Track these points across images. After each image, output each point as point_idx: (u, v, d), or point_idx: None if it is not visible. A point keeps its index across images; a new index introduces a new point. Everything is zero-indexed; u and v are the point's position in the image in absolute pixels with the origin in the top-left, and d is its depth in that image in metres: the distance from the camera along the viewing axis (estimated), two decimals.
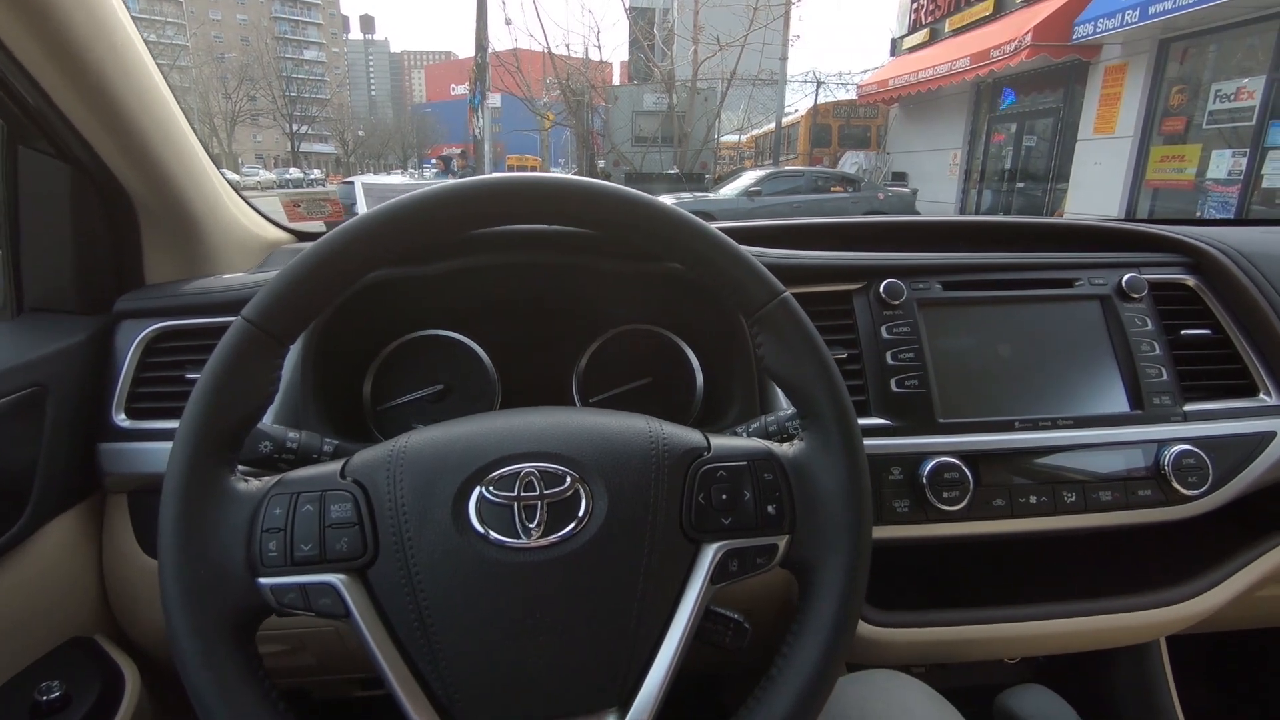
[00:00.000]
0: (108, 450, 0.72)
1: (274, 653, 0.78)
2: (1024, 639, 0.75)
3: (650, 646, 0.45)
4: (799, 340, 0.49)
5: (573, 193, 0.50)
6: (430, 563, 0.43)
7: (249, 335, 0.46)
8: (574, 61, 14.90)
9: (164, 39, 47.85)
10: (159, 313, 0.76)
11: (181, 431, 0.44)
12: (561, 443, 0.47)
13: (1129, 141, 8.04)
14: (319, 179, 37.47)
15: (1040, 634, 0.75)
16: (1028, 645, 0.77)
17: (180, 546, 0.43)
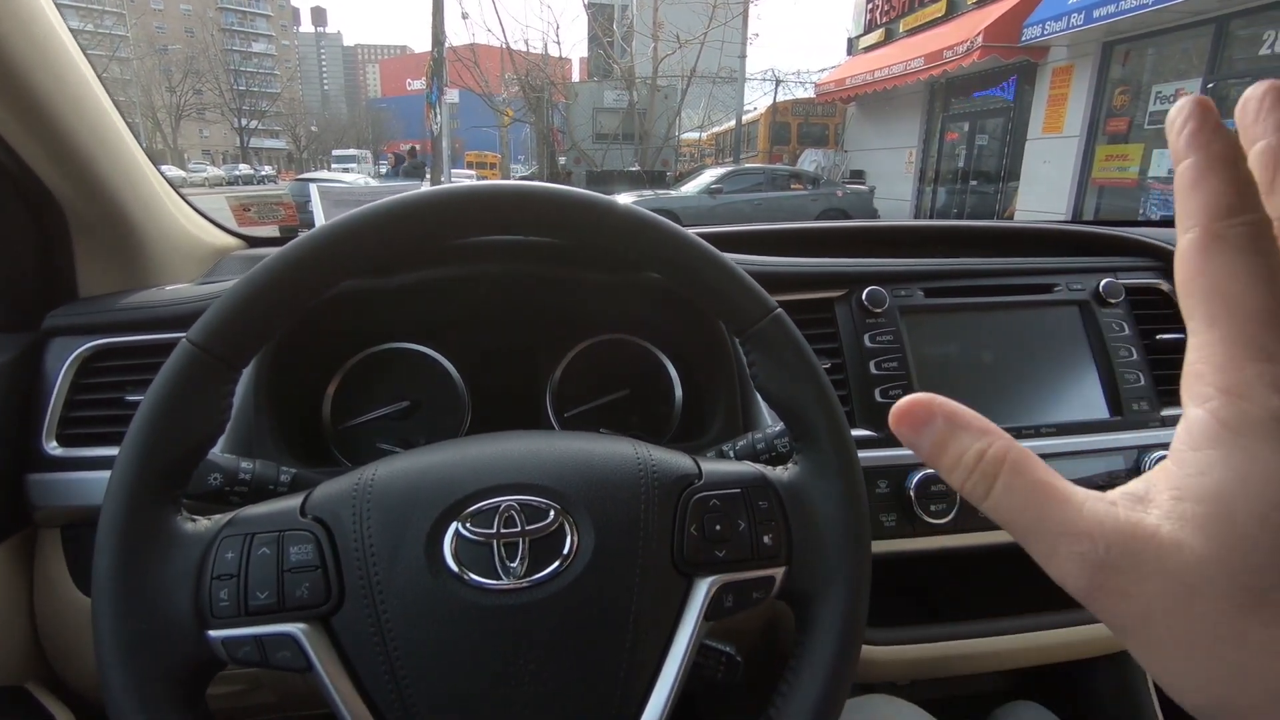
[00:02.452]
0: (37, 481, 0.66)
1: (228, 693, 0.72)
2: (1011, 652, 0.75)
3: (642, 692, 0.41)
4: (793, 359, 0.47)
5: (550, 202, 0.46)
6: (402, 608, 0.39)
7: (196, 360, 0.41)
8: (533, 57, 14.76)
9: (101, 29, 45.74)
10: (94, 329, 0.70)
11: (119, 468, 0.40)
12: (543, 473, 0.43)
13: (1076, 141, 8.32)
14: (270, 175, 36.81)
15: (1027, 646, 0.75)
16: (1015, 658, 0.76)
17: (118, 596, 0.38)
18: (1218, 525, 0.19)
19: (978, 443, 0.23)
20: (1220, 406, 0.20)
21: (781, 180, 10.51)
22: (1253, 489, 0.19)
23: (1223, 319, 0.20)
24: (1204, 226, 0.21)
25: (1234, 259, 0.20)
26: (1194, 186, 0.21)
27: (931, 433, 0.24)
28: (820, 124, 16.82)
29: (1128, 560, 0.20)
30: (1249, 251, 0.20)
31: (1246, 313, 0.20)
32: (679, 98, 14.78)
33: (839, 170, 13.43)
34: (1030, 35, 8.24)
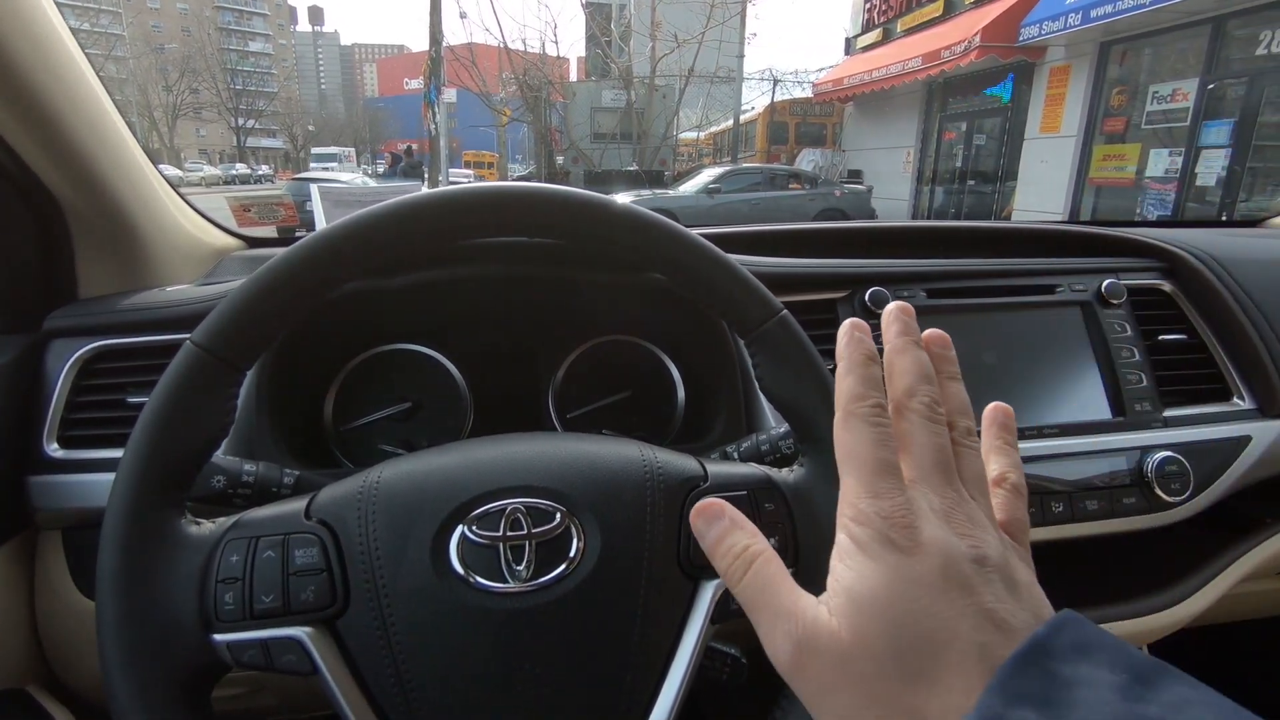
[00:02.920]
0: (38, 484, 0.66)
1: (232, 695, 0.72)
2: None
3: (647, 696, 0.41)
4: (799, 361, 0.46)
5: (555, 203, 0.46)
6: (407, 611, 0.39)
7: (200, 362, 0.41)
8: (531, 57, 14.75)
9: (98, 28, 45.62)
10: (95, 330, 0.70)
11: (123, 470, 0.39)
12: (549, 475, 0.43)
13: (1073, 141, 8.33)
14: (267, 174, 36.56)
15: None
16: None
17: (122, 601, 0.38)
18: (855, 619, 0.27)
19: (745, 540, 0.31)
20: (851, 531, 0.29)
21: (780, 180, 10.52)
22: (873, 590, 0.27)
23: (851, 470, 0.30)
24: (842, 408, 0.31)
25: (858, 429, 0.30)
26: (839, 381, 0.32)
27: (718, 527, 0.32)
28: (818, 124, 16.81)
29: (812, 643, 0.27)
30: (868, 423, 0.30)
31: (866, 466, 0.29)
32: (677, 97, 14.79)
33: (837, 170, 13.43)
34: (1028, 35, 8.25)
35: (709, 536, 0.32)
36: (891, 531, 0.28)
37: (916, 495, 0.29)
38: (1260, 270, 0.84)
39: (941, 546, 0.27)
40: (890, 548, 0.27)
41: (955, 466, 0.31)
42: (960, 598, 0.26)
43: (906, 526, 0.28)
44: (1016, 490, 0.34)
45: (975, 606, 0.26)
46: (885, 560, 0.27)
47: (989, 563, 0.27)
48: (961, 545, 0.28)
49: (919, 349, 0.33)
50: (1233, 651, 1.18)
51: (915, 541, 0.27)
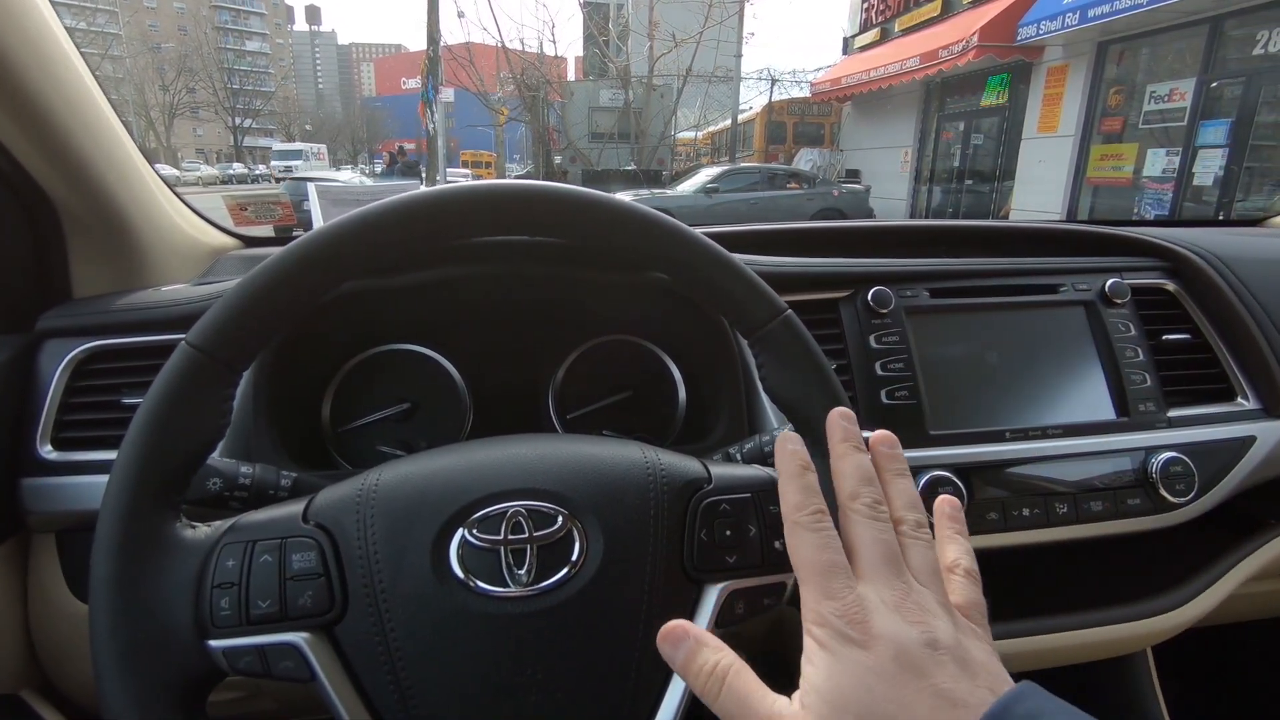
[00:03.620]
0: (31, 486, 0.65)
1: (228, 700, 0.71)
2: (1015, 655, 0.74)
3: (651, 703, 0.41)
4: (804, 361, 0.46)
5: (556, 201, 0.46)
6: (407, 616, 0.39)
7: (196, 363, 0.40)
8: (529, 56, 14.75)
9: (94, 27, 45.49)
10: (89, 331, 0.69)
11: (117, 474, 0.39)
12: (551, 477, 0.43)
13: (1070, 140, 8.34)
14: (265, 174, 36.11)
15: (1031, 649, 0.74)
16: (1019, 661, 0.76)
17: (117, 605, 0.37)
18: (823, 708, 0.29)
19: (714, 656, 0.33)
20: (813, 633, 0.31)
21: (778, 179, 10.53)
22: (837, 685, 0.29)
23: (805, 576, 0.33)
24: (788, 517, 0.34)
25: (803, 536, 0.33)
26: (781, 493, 0.36)
27: (685, 648, 0.33)
28: (816, 123, 16.81)
29: None
30: (811, 530, 0.33)
31: (817, 570, 0.32)
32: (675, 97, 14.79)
33: (835, 169, 13.43)
34: (1025, 35, 8.26)
35: (677, 659, 0.33)
36: (847, 628, 0.30)
37: (867, 591, 0.31)
38: (1264, 270, 0.84)
39: (893, 636, 0.30)
40: (847, 643, 0.30)
41: (904, 559, 0.33)
42: (914, 681, 0.28)
43: (859, 622, 0.30)
44: (970, 575, 0.36)
45: (930, 689, 0.28)
46: (844, 656, 0.30)
47: (941, 645, 0.29)
48: (913, 632, 0.30)
49: (860, 453, 0.37)
50: (1237, 652, 1.17)
51: (868, 634, 0.30)
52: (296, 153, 32.70)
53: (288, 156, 31.73)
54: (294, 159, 30.75)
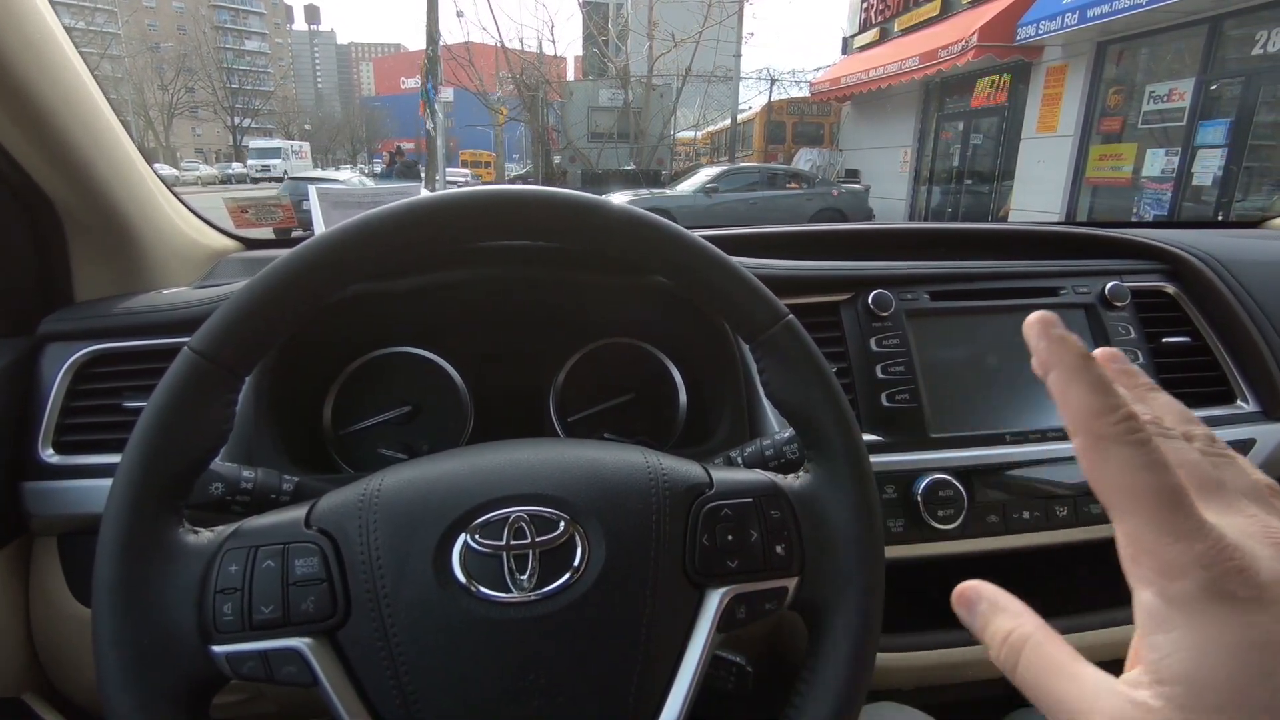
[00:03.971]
0: (33, 490, 0.65)
1: (230, 702, 0.71)
2: None
3: (654, 707, 0.41)
4: (805, 366, 0.46)
5: (558, 206, 0.46)
6: (409, 621, 0.39)
7: (199, 369, 0.40)
8: (528, 56, 14.74)
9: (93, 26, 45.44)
10: (91, 334, 0.69)
11: (120, 479, 0.39)
12: (553, 482, 0.43)
13: (1070, 140, 8.33)
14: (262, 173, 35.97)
15: None
16: None
17: (119, 610, 0.37)
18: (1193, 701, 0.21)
19: (1010, 623, 0.27)
20: (1162, 589, 0.22)
21: (777, 179, 10.52)
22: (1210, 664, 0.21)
23: (1129, 510, 0.23)
24: (1082, 429, 0.24)
25: (1118, 454, 0.23)
26: (1064, 395, 0.25)
27: (978, 612, 0.28)
28: (815, 123, 16.80)
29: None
30: (1128, 445, 0.23)
31: (1150, 501, 0.23)
32: (674, 97, 14.79)
33: (834, 169, 13.42)
34: (1025, 35, 8.25)
35: (974, 625, 0.28)
36: (1224, 580, 0.21)
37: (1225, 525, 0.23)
38: (1264, 272, 0.84)
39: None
40: (1228, 603, 0.21)
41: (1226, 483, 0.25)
42: None
43: (1241, 568, 0.21)
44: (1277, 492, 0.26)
45: None
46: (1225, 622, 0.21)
47: None
48: None
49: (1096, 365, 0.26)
50: None
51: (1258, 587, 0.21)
52: (274, 150, 30.00)
53: (265, 154, 29.38)
54: (272, 157, 28.52)
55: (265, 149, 30.97)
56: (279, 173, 26.11)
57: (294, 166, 28.25)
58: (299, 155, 31.61)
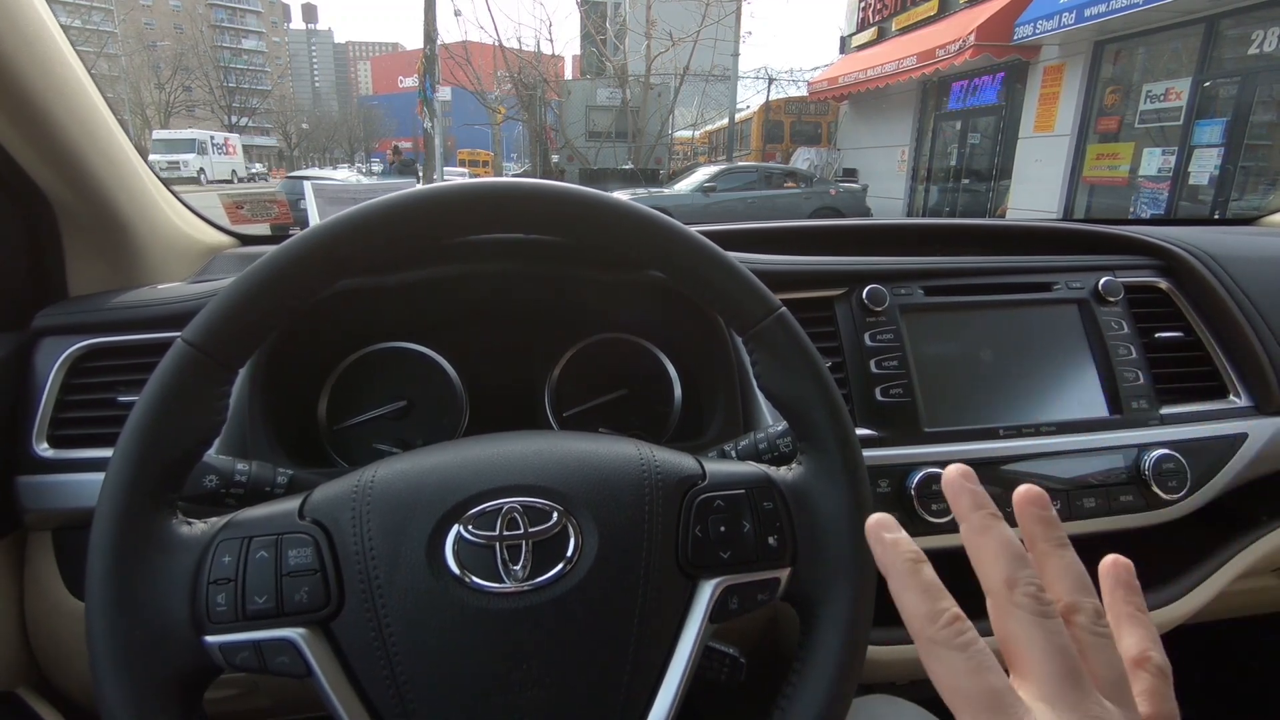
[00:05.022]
0: (27, 484, 0.65)
1: (224, 697, 0.71)
2: None
3: (646, 697, 0.41)
4: (797, 359, 0.46)
5: (552, 199, 0.46)
6: (402, 611, 0.39)
7: (192, 360, 0.40)
8: (526, 55, 14.73)
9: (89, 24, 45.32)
10: (85, 329, 0.69)
11: (113, 470, 0.39)
12: (546, 474, 0.43)
13: (1067, 140, 8.35)
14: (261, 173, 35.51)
15: None
16: None
17: (113, 601, 0.38)
18: None
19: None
20: None
21: (775, 178, 10.51)
22: None
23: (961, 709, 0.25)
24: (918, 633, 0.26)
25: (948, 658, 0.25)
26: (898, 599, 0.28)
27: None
28: (813, 122, 16.81)
29: None
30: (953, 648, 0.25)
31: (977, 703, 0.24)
32: (672, 96, 14.78)
33: (832, 168, 13.43)
34: (1022, 34, 8.26)
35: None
36: None
37: None
38: (1256, 268, 0.84)
39: None
40: None
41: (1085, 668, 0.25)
42: None
43: None
44: (1162, 673, 0.28)
45: None
46: None
47: None
48: None
49: (1000, 523, 0.28)
50: (1228, 649, 1.18)
51: None
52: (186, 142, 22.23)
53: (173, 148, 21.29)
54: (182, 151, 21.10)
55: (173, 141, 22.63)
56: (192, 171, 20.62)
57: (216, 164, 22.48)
58: (224, 149, 24.53)
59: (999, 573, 0.27)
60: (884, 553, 0.29)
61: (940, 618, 0.26)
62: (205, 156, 22.15)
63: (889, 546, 0.29)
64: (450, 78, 14.07)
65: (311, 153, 55.82)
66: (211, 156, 22.54)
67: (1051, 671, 0.25)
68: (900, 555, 0.28)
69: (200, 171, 20.25)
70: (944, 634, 0.26)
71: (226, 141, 25.49)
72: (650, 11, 14.45)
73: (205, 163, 21.89)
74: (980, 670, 0.25)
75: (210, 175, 19.03)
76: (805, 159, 14.05)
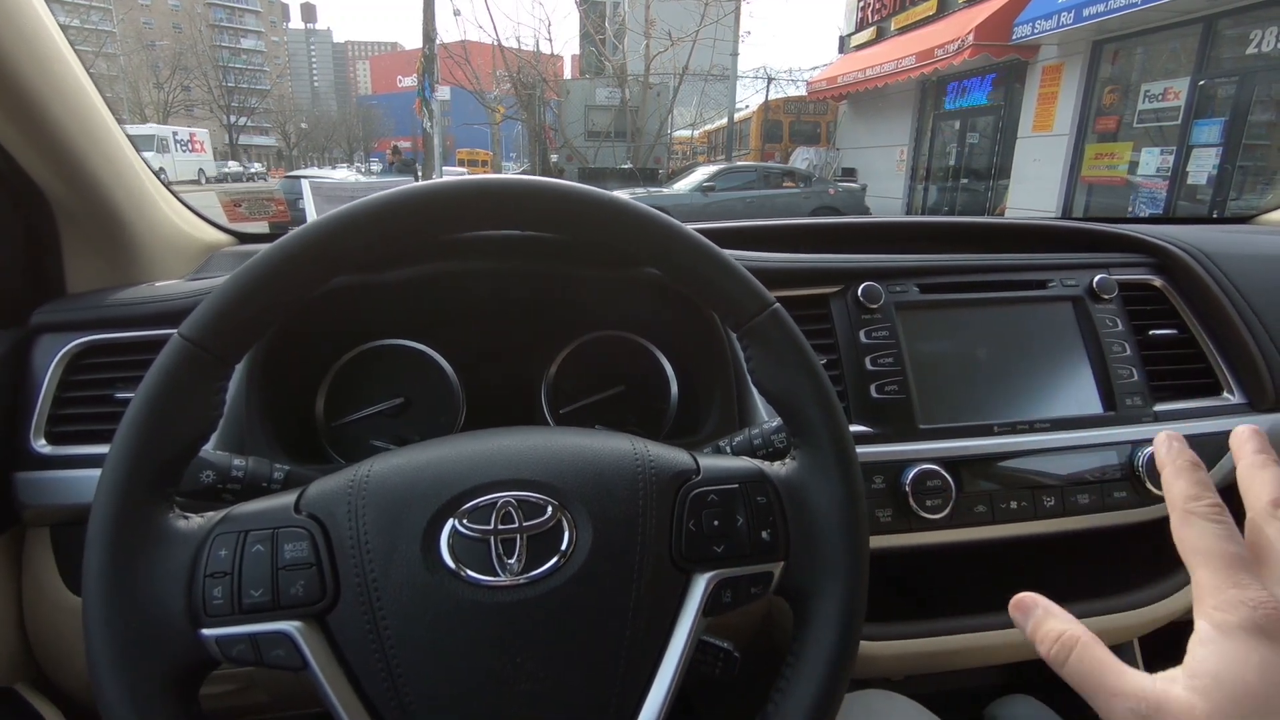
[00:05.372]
0: (25, 480, 0.65)
1: (221, 693, 0.72)
2: (1006, 646, 0.75)
3: (640, 690, 0.41)
4: (791, 354, 0.46)
5: (548, 196, 0.46)
6: (398, 605, 0.39)
7: (188, 355, 0.41)
8: (525, 54, 14.72)
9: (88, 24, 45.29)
10: (83, 325, 0.69)
11: (110, 465, 0.39)
12: (541, 468, 0.43)
13: (1065, 139, 8.36)
14: (260, 172, 35.22)
15: (1022, 640, 0.74)
16: (1010, 652, 0.77)
17: (110, 595, 0.38)
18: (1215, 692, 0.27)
19: (1061, 625, 0.33)
20: (1214, 619, 0.29)
21: (774, 178, 10.52)
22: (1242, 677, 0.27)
23: (1204, 564, 0.31)
24: (1179, 508, 0.33)
25: (1203, 526, 0.31)
26: (1170, 484, 0.34)
27: (1034, 617, 0.34)
28: (812, 122, 16.82)
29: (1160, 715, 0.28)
30: (1211, 520, 0.31)
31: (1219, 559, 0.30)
32: (671, 95, 14.77)
33: (831, 168, 13.44)
34: (1020, 34, 8.27)
35: (1026, 626, 0.34)
36: (1260, 618, 0.28)
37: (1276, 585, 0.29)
38: (1250, 266, 0.84)
39: None
40: (1261, 636, 0.27)
41: None
42: None
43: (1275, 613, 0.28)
44: None
45: None
46: (1251, 647, 0.27)
47: None
48: None
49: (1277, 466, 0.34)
50: None
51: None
52: (145, 139, 19.32)
53: None
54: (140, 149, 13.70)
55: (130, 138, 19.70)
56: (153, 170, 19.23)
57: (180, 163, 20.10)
58: (189, 146, 22.59)
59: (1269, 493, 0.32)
60: (1169, 451, 0.35)
61: (1205, 499, 0.32)
62: (166, 155, 20.47)
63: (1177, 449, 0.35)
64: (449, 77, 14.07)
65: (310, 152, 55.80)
66: (175, 154, 20.89)
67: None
68: (1185, 456, 0.34)
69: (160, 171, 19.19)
70: (1204, 509, 0.31)
71: (193, 138, 23.84)
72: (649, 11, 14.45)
73: (167, 161, 20.03)
74: (1228, 539, 0.30)
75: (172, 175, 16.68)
76: (804, 158, 14.05)
